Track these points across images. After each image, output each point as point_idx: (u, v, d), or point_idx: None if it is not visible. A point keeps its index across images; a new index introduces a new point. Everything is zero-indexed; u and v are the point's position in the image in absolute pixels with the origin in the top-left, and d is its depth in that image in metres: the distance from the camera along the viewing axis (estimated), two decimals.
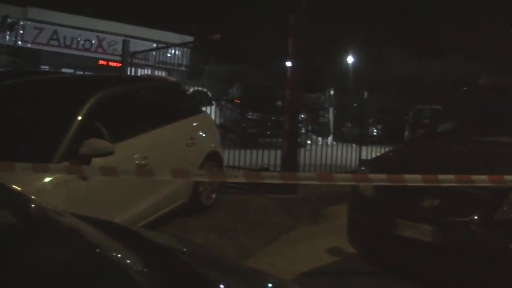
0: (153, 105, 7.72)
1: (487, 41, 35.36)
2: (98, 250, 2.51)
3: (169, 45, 17.95)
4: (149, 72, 15.57)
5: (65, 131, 5.76)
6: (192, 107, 8.63)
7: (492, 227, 5.18)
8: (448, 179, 4.92)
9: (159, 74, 16.52)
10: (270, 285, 2.88)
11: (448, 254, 5.32)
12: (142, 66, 15.89)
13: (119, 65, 24.28)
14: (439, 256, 5.37)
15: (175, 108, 8.18)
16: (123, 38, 22.20)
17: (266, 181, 6.27)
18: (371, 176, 5.36)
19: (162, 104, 7.96)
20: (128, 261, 2.52)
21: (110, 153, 5.73)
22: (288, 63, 9.78)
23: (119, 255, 2.52)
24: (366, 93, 23.92)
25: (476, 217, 5.19)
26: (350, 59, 43.37)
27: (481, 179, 4.89)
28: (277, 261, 6.68)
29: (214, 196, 8.58)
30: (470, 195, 5.37)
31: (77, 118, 5.93)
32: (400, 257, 5.79)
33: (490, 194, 5.24)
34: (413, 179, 4.94)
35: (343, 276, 6.47)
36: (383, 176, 5.09)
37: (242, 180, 5.95)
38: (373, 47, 42.12)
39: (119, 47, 25.29)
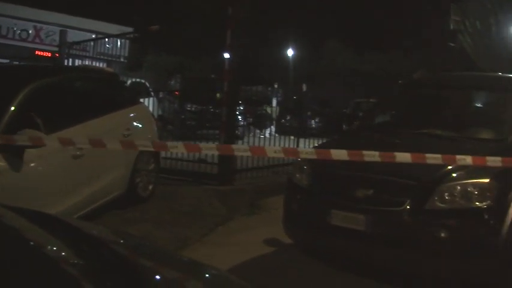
0: (89, 95, 7.63)
1: (426, 37, 36.02)
2: (26, 241, 2.52)
3: (108, 36, 17.75)
4: (88, 63, 15.39)
5: None
6: (129, 97, 8.55)
7: (423, 216, 5.35)
8: (404, 157, 5.10)
9: (99, 65, 16.33)
10: (207, 275, 2.92)
11: (381, 243, 5.47)
12: (81, 57, 15.69)
13: (57, 55, 23.91)
14: (372, 245, 5.52)
15: (111, 99, 8.09)
16: (60, 28, 21.83)
17: (204, 152, 6.27)
18: (332, 151, 5.42)
19: (98, 94, 7.86)
20: (59, 252, 2.53)
21: (44, 144, 5.67)
22: (226, 55, 9.79)
23: (50, 247, 2.53)
24: (304, 86, 24.13)
25: (408, 207, 5.35)
26: (290, 52, 43.58)
27: (435, 157, 5.08)
28: (215, 252, 6.73)
29: (151, 188, 8.54)
30: (402, 186, 5.53)
31: (10, 108, 5.83)
32: (335, 247, 5.91)
33: (421, 185, 5.43)
34: (371, 155, 5.11)
35: (280, 266, 6.55)
36: (344, 151, 5.19)
37: (182, 150, 5.94)
38: (315, 40, 42.41)
39: (57, 38, 24.87)
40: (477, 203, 5.29)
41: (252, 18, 10.07)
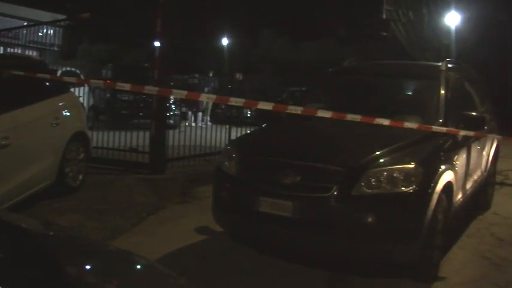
0: (16, 84, 7.48)
1: (360, 26, 36.51)
2: None
3: (39, 23, 17.41)
4: (19, 51, 15.09)
5: None
6: (58, 86, 8.41)
7: (350, 201, 5.44)
8: (382, 121, 5.68)
9: (31, 53, 16.04)
10: (137, 266, 2.92)
11: (308, 229, 5.54)
12: (12, 45, 15.36)
13: None
14: (299, 231, 5.58)
15: (39, 88, 7.95)
16: None
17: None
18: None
19: (25, 83, 7.71)
20: None
21: None
22: (157, 43, 9.74)
23: None
24: (239, 75, 24.13)
25: (335, 193, 5.42)
26: (225, 41, 43.53)
27: (411, 124, 5.76)
28: (145, 241, 6.71)
29: (81, 177, 8.46)
30: (329, 172, 5.60)
31: None
32: (264, 234, 5.95)
33: (348, 171, 5.51)
34: (353, 117, 5.76)
35: (209, 254, 6.57)
36: (329, 112, 5.54)
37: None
38: (249, 29, 42.51)
39: None
40: (403, 188, 5.40)
41: (184, 6, 10.01)
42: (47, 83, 8.14)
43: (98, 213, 7.52)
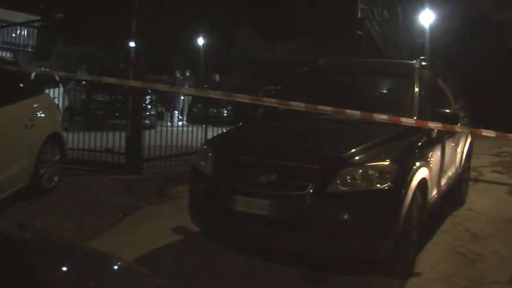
0: None
1: (335, 25, 36.68)
2: None
3: (12, 24, 17.24)
4: None
5: None
6: (32, 87, 8.36)
7: (325, 199, 5.47)
8: (354, 114, 5.87)
9: (4, 54, 15.90)
10: (113, 267, 2.92)
11: (284, 227, 5.56)
12: None
13: None
14: (275, 229, 5.60)
15: (13, 89, 7.90)
16: None
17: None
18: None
19: None
20: None
21: None
22: (132, 44, 9.72)
23: None
24: (217, 76, 24.12)
25: (311, 190, 5.45)
26: (201, 41, 43.51)
27: (382, 118, 5.85)
28: (122, 242, 6.70)
29: (56, 179, 8.41)
30: (304, 171, 5.63)
31: None
32: (240, 232, 5.97)
33: (324, 169, 5.54)
34: (325, 109, 5.98)
35: (185, 254, 6.57)
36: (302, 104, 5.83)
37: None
38: (225, 29, 42.58)
39: None
40: (378, 185, 5.45)
41: (159, 7, 10.01)
42: (21, 85, 8.10)
43: (74, 214, 7.47)
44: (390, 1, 28.20)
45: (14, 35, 18.56)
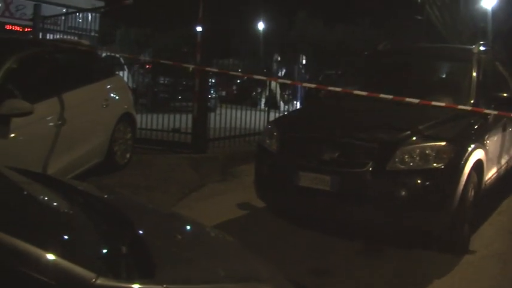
0: (69, 68, 7.88)
1: (394, 8, 36.38)
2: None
3: (82, 10, 17.77)
4: (59, 37, 15.49)
5: None
6: (106, 69, 8.83)
7: (384, 176, 5.81)
8: (413, 101, 6.31)
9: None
10: (192, 225, 3.35)
11: (345, 201, 5.95)
12: (53, 32, 15.78)
13: (27, 29, 23.75)
14: (336, 203, 5.98)
15: (89, 71, 8.37)
16: (32, 2, 21.62)
17: None
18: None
19: (77, 66, 8.14)
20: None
21: (29, 113, 5.97)
22: (199, 28, 10.09)
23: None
24: (278, 57, 24.20)
25: (370, 168, 5.79)
26: (261, 25, 43.78)
27: (438, 103, 6.33)
28: (189, 215, 7.07)
29: (128, 156, 8.85)
30: (365, 149, 5.98)
31: None
32: (303, 206, 6.35)
33: (383, 147, 5.88)
34: (385, 97, 6.45)
35: (252, 226, 6.95)
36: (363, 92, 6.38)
37: None
38: (284, 12, 42.66)
39: (28, 11, 24.56)
40: (434, 164, 5.75)
41: None
42: (97, 66, 8.59)
43: (144, 189, 7.91)
44: None
45: (79, 20, 19.16)
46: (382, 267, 5.80)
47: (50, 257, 2.01)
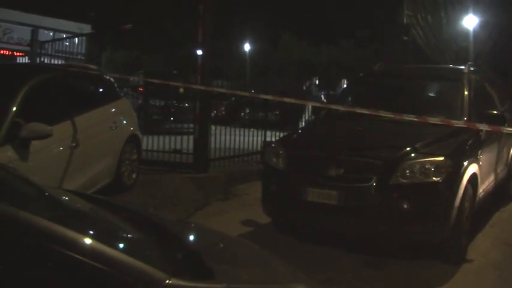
0: (79, 92, 8.20)
1: (378, 29, 36.95)
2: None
3: (81, 35, 18.00)
4: (46, 61, 15.76)
5: (4, 115, 6.19)
6: (113, 92, 9.11)
7: (387, 190, 6.22)
8: (411, 118, 6.75)
9: (57, 62, 16.67)
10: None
11: (351, 214, 6.34)
12: (41, 55, 16.04)
13: (16, 54, 23.92)
14: (343, 216, 6.37)
15: (98, 95, 8.73)
16: (19, 26, 21.82)
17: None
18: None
19: (86, 90, 8.47)
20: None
21: (48, 136, 6.26)
22: (199, 52, 10.44)
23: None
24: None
25: (374, 183, 6.17)
26: (247, 47, 44.23)
27: (434, 120, 6.75)
28: None
29: (134, 176, 9.13)
30: (369, 165, 6.37)
31: (14, 104, 6.35)
32: (311, 220, 6.71)
33: (386, 163, 6.28)
34: (386, 115, 6.89)
35: (258, 242, 7.22)
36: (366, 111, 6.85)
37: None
38: (270, 33, 43.08)
39: (15, 35, 24.75)
40: (434, 178, 6.16)
41: (216, 14, 10.70)
42: (105, 90, 8.90)
43: (151, 207, 8.17)
44: (434, 6, 28.50)
45: (67, 43, 19.38)
46: (384, 277, 6.11)
47: (129, 259, 2.33)
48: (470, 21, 26.10)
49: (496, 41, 27.28)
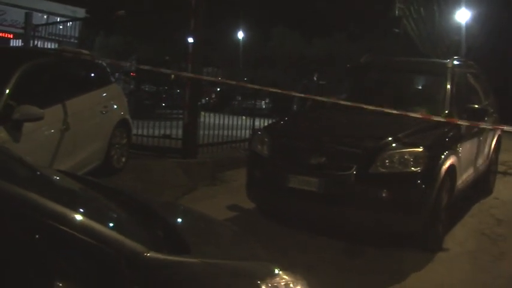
0: (72, 76, 8.35)
1: (370, 22, 37.10)
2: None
3: (76, 19, 18.08)
4: (39, 44, 15.86)
5: None
6: (104, 77, 9.24)
7: (367, 179, 6.42)
8: (391, 111, 6.89)
9: (50, 46, 16.77)
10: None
11: (331, 201, 6.56)
12: (34, 38, 16.14)
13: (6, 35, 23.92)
14: (323, 203, 6.59)
15: (90, 79, 8.90)
16: (13, 8, 21.85)
17: None
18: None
19: (78, 75, 8.63)
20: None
21: (40, 118, 6.44)
22: (190, 40, 10.63)
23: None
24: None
25: (354, 171, 6.37)
26: (241, 35, 44.33)
27: (414, 114, 6.91)
28: None
29: (124, 160, 9.31)
30: (349, 154, 6.58)
31: (7, 87, 6.51)
32: (292, 206, 6.93)
33: (366, 153, 6.47)
34: (367, 108, 7.03)
35: (242, 226, 7.42)
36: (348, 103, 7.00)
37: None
38: (263, 24, 43.18)
39: (8, 18, 24.78)
40: (412, 168, 6.37)
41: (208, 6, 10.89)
42: (96, 75, 9.06)
43: (139, 191, 8.32)
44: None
45: (60, 27, 19.45)
46: (363, 264, 6.30)
47: (113, 233, 2.54)
48: (462, 15, 26.28)
49: (488, 35, 27.43)
